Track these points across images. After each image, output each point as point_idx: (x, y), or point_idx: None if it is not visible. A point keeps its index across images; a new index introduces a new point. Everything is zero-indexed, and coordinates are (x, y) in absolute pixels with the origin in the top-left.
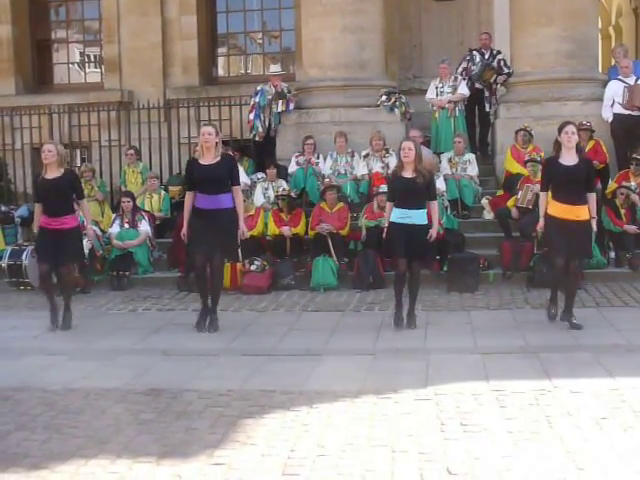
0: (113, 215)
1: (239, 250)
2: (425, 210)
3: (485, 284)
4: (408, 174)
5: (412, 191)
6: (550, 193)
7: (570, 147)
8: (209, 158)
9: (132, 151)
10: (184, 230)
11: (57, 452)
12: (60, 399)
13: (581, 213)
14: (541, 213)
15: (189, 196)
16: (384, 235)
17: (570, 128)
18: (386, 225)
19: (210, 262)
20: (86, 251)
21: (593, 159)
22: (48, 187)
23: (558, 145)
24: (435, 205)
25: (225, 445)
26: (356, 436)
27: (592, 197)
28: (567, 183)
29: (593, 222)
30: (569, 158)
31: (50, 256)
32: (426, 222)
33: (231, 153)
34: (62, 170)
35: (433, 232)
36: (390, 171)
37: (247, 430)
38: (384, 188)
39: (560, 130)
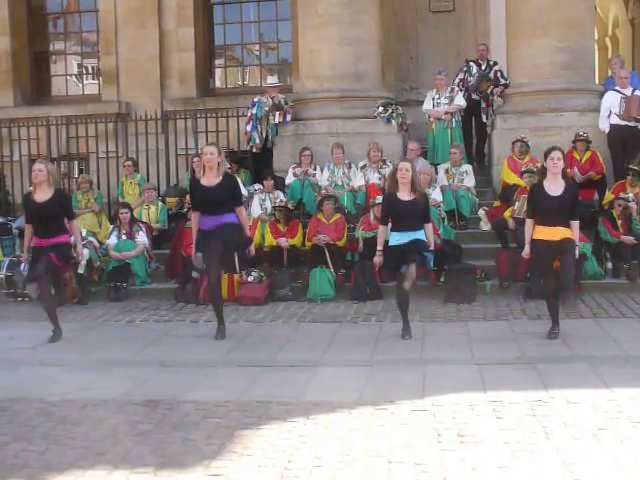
0: (110, 226)
1: (236, 261)
2: (422, 231)
3: (482, 295)
4: (405, 196)
5: (409, 214)
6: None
7: (556, 173)
8: (211, 178)
9: (129, 163)
10: (194, 252)
11: (55, 463)
12: (58, 410)
13: (564, 233)
14: (527, 240)
15: (194, 217)
16: (376, 260)
17: (556, 154)
18: (379, 249)
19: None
20: (83, 262)
21: (590, 170)
22: (38, 210)
23: (544, 170)
24: (430, 227)
25: (222, 456)
26: (353, 447)
27: (575, 225)
28: (552, 212)
29: (576, 249)
30: (555, 186)
31: (44, 272)
32: (424, 238)
33: (229, 166)
34: (52, 191)
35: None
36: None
37: (244, 441)
38: (381, 199)
39: (546, 156)
